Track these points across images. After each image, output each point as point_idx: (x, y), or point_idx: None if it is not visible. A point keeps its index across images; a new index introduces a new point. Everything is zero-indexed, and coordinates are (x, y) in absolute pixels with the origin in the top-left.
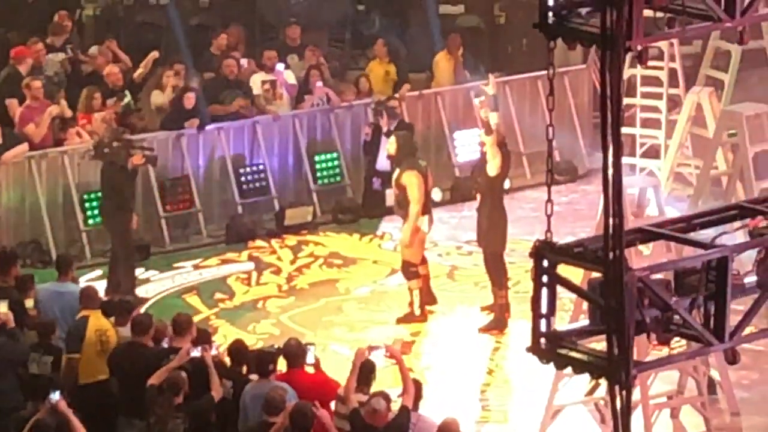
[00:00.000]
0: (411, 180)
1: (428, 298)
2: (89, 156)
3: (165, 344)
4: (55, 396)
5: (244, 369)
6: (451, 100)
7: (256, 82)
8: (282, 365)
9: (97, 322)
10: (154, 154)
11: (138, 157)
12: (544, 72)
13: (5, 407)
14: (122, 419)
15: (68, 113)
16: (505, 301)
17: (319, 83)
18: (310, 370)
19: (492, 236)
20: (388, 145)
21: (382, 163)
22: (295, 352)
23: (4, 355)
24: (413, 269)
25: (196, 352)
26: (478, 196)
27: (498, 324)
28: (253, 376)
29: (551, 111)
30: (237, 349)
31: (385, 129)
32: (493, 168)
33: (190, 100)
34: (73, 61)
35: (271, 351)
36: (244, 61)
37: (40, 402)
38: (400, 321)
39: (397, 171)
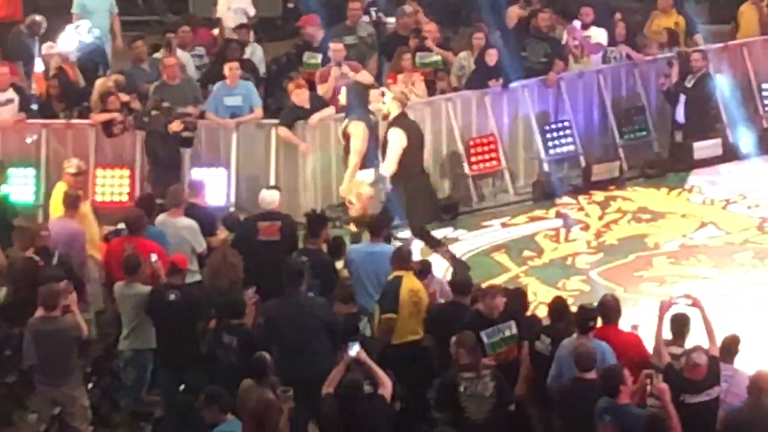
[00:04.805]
0: (357, 130)
1: None
2: (131, 127)
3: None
4: (355, 347)
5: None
6: (758, 52)
7: (563, 36)
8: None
9: (410, 282)
10: (194, 120)
11: (177, 123)
12: None
13: (319, 374)
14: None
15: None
16: None
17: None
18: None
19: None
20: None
21: (680, 115)
22: (612, 307)
23: (322, 318)
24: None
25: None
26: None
27: None
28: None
29: None
30: (558, 306)
31: (674, 80)
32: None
33: (492, 56)
34: (377, 23)
35: (592, 308)
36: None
37: None
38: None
39: (346, 120)
